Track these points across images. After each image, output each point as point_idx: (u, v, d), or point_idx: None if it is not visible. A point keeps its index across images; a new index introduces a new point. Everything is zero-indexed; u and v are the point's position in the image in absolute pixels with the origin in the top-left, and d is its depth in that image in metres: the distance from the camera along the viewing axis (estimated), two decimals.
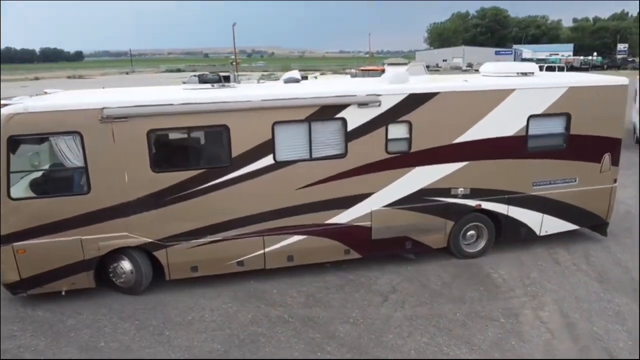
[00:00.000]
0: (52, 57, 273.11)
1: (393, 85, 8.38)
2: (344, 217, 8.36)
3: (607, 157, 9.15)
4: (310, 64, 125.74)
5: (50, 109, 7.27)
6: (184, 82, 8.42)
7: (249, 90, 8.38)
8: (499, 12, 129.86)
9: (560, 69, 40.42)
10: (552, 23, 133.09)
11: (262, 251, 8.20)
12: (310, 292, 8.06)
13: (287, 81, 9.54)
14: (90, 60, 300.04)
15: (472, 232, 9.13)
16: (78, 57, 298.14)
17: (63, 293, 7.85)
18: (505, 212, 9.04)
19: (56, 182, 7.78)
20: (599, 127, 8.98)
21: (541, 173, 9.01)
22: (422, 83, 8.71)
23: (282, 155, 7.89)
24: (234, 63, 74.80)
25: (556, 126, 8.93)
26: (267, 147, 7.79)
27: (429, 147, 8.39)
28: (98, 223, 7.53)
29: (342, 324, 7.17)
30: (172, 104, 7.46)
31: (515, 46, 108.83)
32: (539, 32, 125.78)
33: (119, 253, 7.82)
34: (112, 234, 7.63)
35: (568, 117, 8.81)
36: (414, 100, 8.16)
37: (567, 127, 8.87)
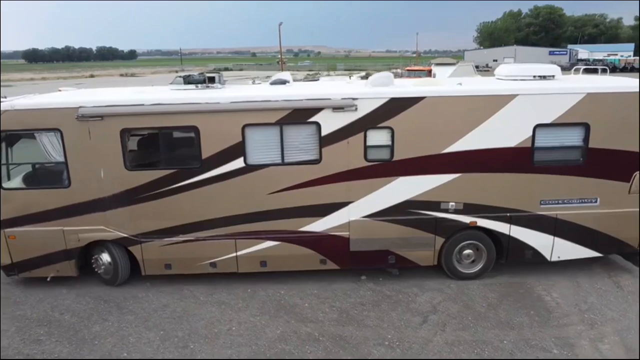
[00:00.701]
0: (107, 56, 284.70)
1: (374, 88, 7.85)
2: (319, 226, 8.00)
3: (638, 176, 7.88)
4: (356, 64, 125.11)
5: (34, 107, 7.71)
6: (170, 83, 8.49)
7: (221, 92, 8.09)
8: (554, 10, 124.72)
9: (614, 69, 38.03)
10: (611, 22, 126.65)
11: (234, 254, 8.12)
12: (344, 308, 7.56)
13: (273, 83, 9.06)
14: (143, 59, 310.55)
15: (469, 251, 8.25)
16: (132, 55, 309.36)
17: (48, 279, 8.27)
18: (506, 232, 8.07)
19: (42, 175, 8.35)
20: (627, 141, 7.72)
21: (551, 190, 7.91)
22: (407, 87, 7.98)
23: (253, 159, 7.72)
24: (279, 62, 75.01)
25: (571, 138, 7.77)
26: (238, 149, 7.65)
27: (414, 155, 7.70)
28: (78, 216, 7.92)
29: (377, 346, 6.63)
30: (143, 104, 7.59)
31: (570, 46, 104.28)
32: (597, 32, 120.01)
33: (99, 245, 8.18)
34: (91, 227, 7.98)
35: (586, 127, 7.65)
36: (396, 105, 7.54)
37: (586, 140, 7.69)
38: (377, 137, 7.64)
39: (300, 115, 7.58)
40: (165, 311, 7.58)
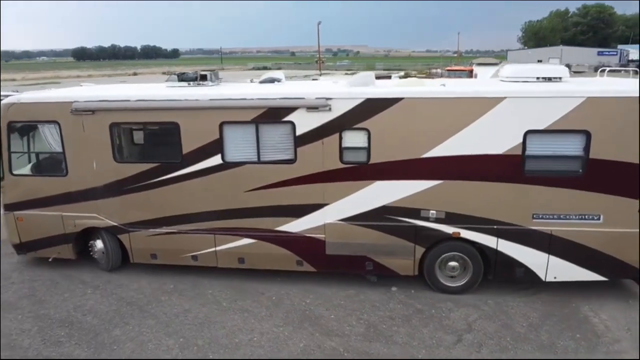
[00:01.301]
0: (151, 54, 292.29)
1: (349, 88, 7.59)
2: (295, 227, 7.90)
3: None
4: (395, 63, 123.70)
5: (36, 101, 8.39)
6: (166, 80, 8.76)
7: (202, 90, 8.13)
8: (604, 9, 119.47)
9: None
10: None
11: (213, 249, 8.27)
12: (372, 322, 7.13)
13: (263, 81, 8.93)
14: (186, 58, 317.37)
15: (453, 263, 7.72)
16: (174, 54, 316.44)
17: (50, 260, 9.06)
18: (493, 246, 7.46)
19: (45, 164, 8.82)
20: (636, 151, 6.82)
21: (545, 204, 7.19)
22: (385, 87, 7.62)
23: (230, 156, 7.79)
24: (317, 61, 74.85)
25: (569, 146, 7.01)
26: (216, 146, 7.74)
27: (392, 159, 7.32)
28: (74, 203, 8.46)
29: None
30: (128, 100, 7.90)
31: (620, 46, 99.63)
32: None
33: (94, 232, 8.69)
34: (85, 214, 8.51)
35: (587, 135, 6.86)
36: (372, 106, 7.21)
37: (586, 149, 6.90)
38: (353, 138, 7.36)
39: (275, 114, 7.51)
40: (187, 317, 7.35)
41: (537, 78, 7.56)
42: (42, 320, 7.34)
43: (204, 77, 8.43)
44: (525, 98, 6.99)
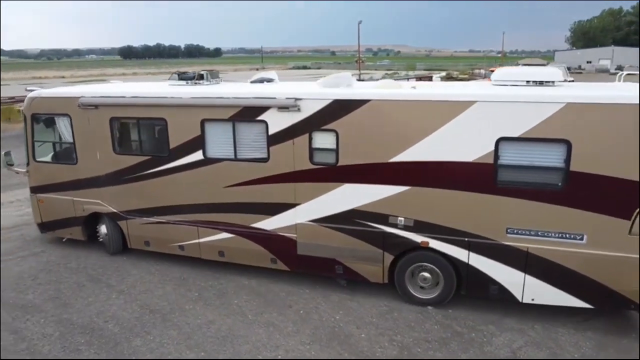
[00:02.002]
0: (194, 53, 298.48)
1: (319, 89, 7.52)
2: (269, 224, 8.00)
3: None
4: (436, 63, 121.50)
5: (53, 96, 9.27)
6: (169, 78, 9.19)
7: (187, 88, 8.48)
8: None
9: None
10: None
11: (197, 240, 8.62)
12: (406, 344, 6.59)
13: (253, 82, 9.03)
14: (228, 57, 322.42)
15: (425, 274, 7.33)
16: (217, 53, 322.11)
17: (64, 240, 10.08)
18: (464, 260, 6.98)
19: (59, 152, 9.57)
20: (626, 166, 5.99)
21: (520, 218, 6.59)
22: (354, 88, 7.48)
23: (211, 152, 8.08)
24: (357, 61, 74.14)
25: (546, 156, 6.35)
26: (198, 142, 8.08)
27: (359, 162, 7.14)
28: (83, 189, 9.27)
29: None
30: (124, 97, 8.52)
31: None
32: None
33: (100, 217, 9.44)
34: (91, 200, 9.29)
35: (567, 145, 6.18)
36: (340, 107, 7.09)
37: (567, 160, 6.22)
38: (322, 139, 7.29)
39: (250, 113, 7.64)
40: (210, 328, 7.00)
41: (527, 82, 6.89)
42: (64, 325, 7.15)
43: (201, 77, 8.78)
44: (497, 102, 6.42)
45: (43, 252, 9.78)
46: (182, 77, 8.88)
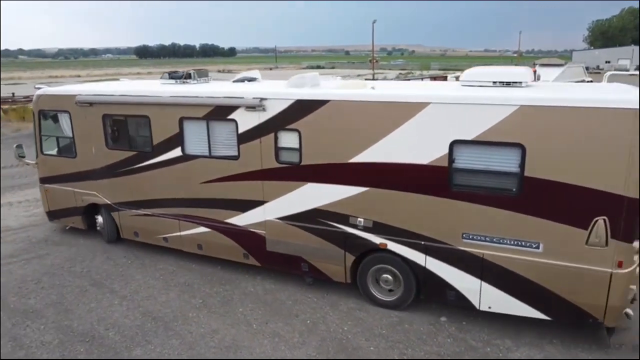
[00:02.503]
0: (209, 53, 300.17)
1: (284, 89, 7.60)
2: (240, 220, 8.21)
3: (601, 223, 5.71)
4: (451, 63, 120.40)
5: (56, 93, 9.84)
6: (161, 77, 9.46)
7: (169, 87, 8.71)
8: None
9: None
10: None
11: (178, 233, 8.94)
12: (418, 358, 6.27)
13: (236, 81, 9.16)
14: (242, 56, 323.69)
15: (387, 276, 7.27)
16: (231, 52, 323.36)
17: (67, 228, 10.77)
18: (422, 263, 6.87)
19: (62, 146, 10.04)
20: (584, 174, 5.67)
21: (475, 223, 6.37)
22: (318, 89, 7.45)
23: (189, 149, 8.35)
24: (371, 60, 73.68)
25: (501, 161, 6.09)
26: (177, 139, 8.38)
27: (321, 162, 7.18)
28: (82, 181, 9.82)
29: None
30: (114, 95, 8.95)
31: None
32: None
33: (97, 207, 9.98)
34: (88, 192, 9.82)
35: (521, 149, 5.89)
36: (302, 107, 7.15)
37: (521, 165, 5.93)
38: (287, 139, 7.38)
39: (221, 112, 7.82)
40: (214, 338, 6.75)
41: (494, 82, 6.56)
42: (64, 332, 6.95)
43: (188, 76, 9.06)
44: (451, 104, 6.25)
45: (48, 254, 9.63)
46: (172, 76, 9.17)
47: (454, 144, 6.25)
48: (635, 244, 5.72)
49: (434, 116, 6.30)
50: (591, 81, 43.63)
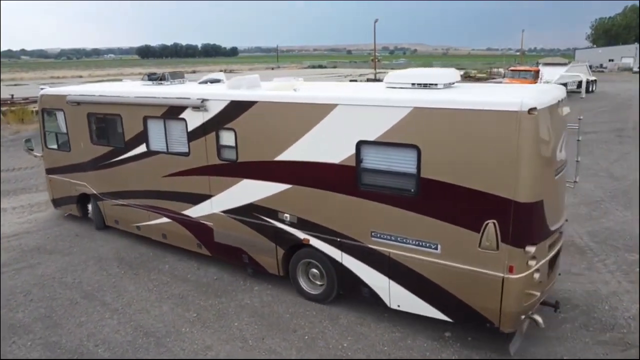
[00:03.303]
0: (211, 52, 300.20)
1: (223, 90, 8.08)
2: (193, 212, 8.76)
3: (492, 227, 5.64)
4: (453, 62, 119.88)
5: (53, 93, 11.02)
6: (142, 79, 10.01)
7: (139, 88, 9.42)
8: None
9: None
10: None
11: (148, 222, 9.66)
12: None
13: (201, 82, 9.30)
14: (244, 56, 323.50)
15: (314, 270, 7.58)
16: (233, 52, 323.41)
17: (66, 215, 11.87)
18: (339, 259, 7.08)
19: (60, 141, 11.08)
20: (474, 176, 5.63)
21: (382, 222, 6.51)
22: (251, 90, 7.75)
23: (152, 145, 9.01)
24: (372, 60, 73.27)
25: (400, 162, 6.19)
26: (143, 136, 9.06)
27: (253, 159, 7.61)
28: (75, 173, 10.82)
29: None
30: (94, 95, 9.86)
31: None
32: None
33: (88, 197, 10.94)
34: (80, 182, 10.82)
35: (417, 151, 5.95)
36: (236, 108, 7.61)
37: (417, 167, 5.99)
38: (225, 137, 7.82)
39: (174, 111, 8.39)
40: (207, 355, 6.45)
41: (413, 84, 6.61)
42: (52, 349, 6.66)
43: (163, 77, 9.57)
44: (355, 106, 6.51)
45: (39, 264, 9.35)
46: (150, 78, 9.71)
47: (360, 144, 6.42)
48: (531, 248, 5.61)
49: (342, 117, 6.52)
50: (595, 80, 43.43)
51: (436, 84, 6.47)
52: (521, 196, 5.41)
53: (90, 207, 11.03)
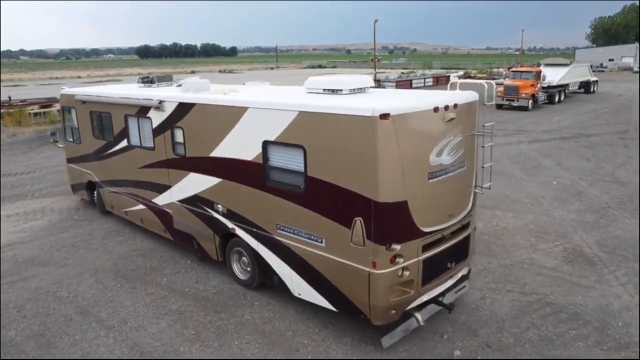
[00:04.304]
0: (210, 52, 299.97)
1: (175, 93, 9.05)
2: (159, 200, 9.83)
3: (359, 224, 6.00)
4: (453, 61, 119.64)
5: (69, 93, 12.41)
6: (137, 82, 11.21)
7: (129, 90, 10.60)
8: None
9: None
10: None
11: (132, 208, 10.85)
12: None
13: (178, 85, 10.05)
14: (243, 56, 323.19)
15: (245, 258, 8.25)
16: (233, 52, 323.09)
17: (80, 199, 13.48)
18: (256, 249, 7.81)
19: (75, 135, 12.57)
20: (346, 176, 6.08)
21: (283, 216, 7.13)
22: (194, 94, 8.63)
23: (131, 140, 10.19)
24: (372, 59, 73.00)
25: (292, 161, 6.78)
26: (125, 132, 10.29)
27: (196, 155, 8.52)
28: (84, 162, 12.36)
29: None
30: (92, 96, 11.29)
31: None
32: None
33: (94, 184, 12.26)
34: (87, 171, 12.32)
35: (303, 151, 6.52)
36: (183, 109, 8.56)
37: (305, 165, 6.55)
38: (178, 134, 8.78)
39: (144, 111, 9.48)
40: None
41: (324, 90, 7.12)
42: None
43: (151, 80, 10.78)
44: (260, 109, 7.16)
45: (33, 276, 9.08)
46: (143, 80, 10.99)
47: (265, 143, 7.08)
48: (396, 246, 5.94)
49: (252, 119, 7.26)
50: (596, 81, 43.14)
51: (341, 90, 6.96)
52: (380, 196, 5.76)
53: (95, 194, 12.47)
